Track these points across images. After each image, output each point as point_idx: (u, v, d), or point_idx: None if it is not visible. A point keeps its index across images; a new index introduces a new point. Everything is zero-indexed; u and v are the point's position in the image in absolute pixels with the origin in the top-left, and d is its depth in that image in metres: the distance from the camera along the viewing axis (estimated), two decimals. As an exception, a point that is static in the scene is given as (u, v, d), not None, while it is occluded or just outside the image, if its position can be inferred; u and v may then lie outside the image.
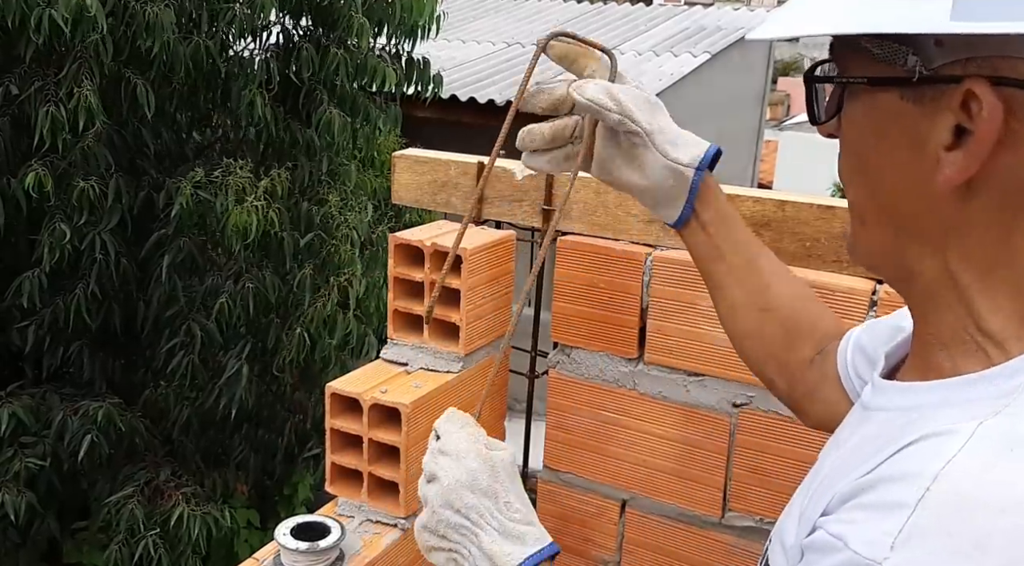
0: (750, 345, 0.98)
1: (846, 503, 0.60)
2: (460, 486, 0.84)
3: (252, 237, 3.52)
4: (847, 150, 0.67)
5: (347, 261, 3.94)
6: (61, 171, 3.53)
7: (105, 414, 3.55)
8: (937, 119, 0.58)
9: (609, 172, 0.95)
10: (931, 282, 0.64)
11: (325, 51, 3.95)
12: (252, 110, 3.78)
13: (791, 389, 0.97)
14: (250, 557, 1.31)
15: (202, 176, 3.61)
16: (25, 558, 3.90)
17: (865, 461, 0.60)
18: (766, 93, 10.40)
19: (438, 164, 1.60)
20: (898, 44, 0.58)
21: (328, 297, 3.81)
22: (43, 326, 3.74)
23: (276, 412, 4.30)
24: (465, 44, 8.38)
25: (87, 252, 3.60)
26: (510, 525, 0.84)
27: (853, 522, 0.57)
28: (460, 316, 1.41)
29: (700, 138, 0.94)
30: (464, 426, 0.90)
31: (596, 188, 1.47)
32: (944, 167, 0.58)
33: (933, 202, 0.60)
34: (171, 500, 3.59)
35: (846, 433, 0.72)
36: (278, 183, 3.70)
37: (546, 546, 0.84)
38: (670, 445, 1.45)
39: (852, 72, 0.63)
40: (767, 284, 0.95)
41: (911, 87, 0.59)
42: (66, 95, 3.37)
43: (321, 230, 4.00)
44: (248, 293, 3.70)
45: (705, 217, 0.94)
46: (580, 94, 0.88)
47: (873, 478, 0.58)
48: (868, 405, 0.70)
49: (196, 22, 3.78)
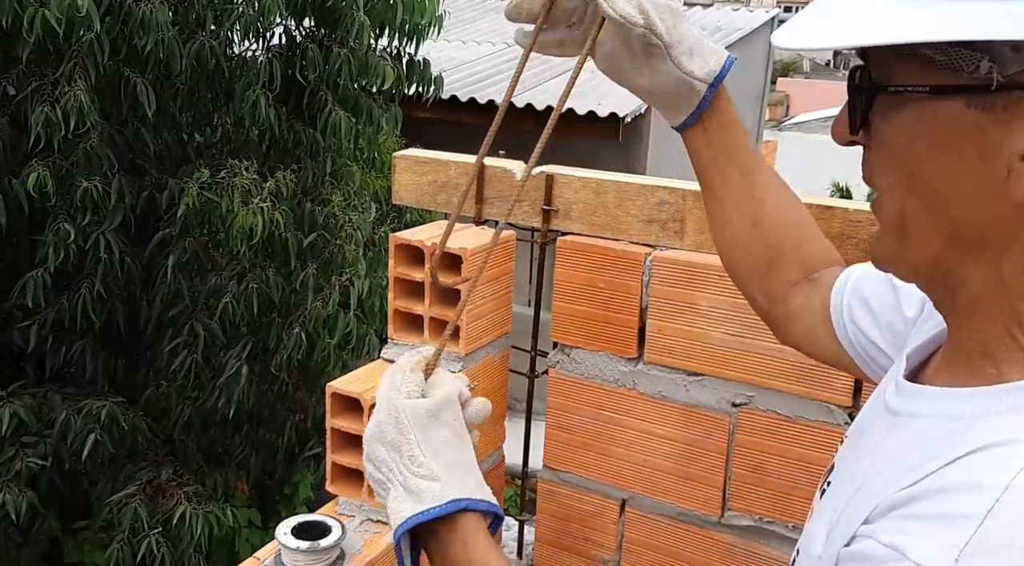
0: (738, 257, 0.98)
1: (895, 512, 0.57)
2: (372, 438, 0.82)
3: (257, 239, 3.52)
4: (890, 162, 0.63)
5: (351, 260, 3.95)
6: (64, 171, 3.53)
7: (109, 413, 3.55)
8: (1012, 127, 0.55)
9: (617, 71, 0.92)
10: (978, 290, 0.62)
11: (328, 51, 3.96)
12: (255, 111, 3.78)
13: (771, 308, 0.97)
14: (251, 556, 1.31)
15: (208, 177, 3.61)
16: (27, 557, 3.90)
17: (912, 470, 0.58)
18: (765, 93, 10.40)
19: (438, 164, 1.61)
20: (968, 50, 0.55)
21: (329, 296, 3.82)
22: (46, 326, 3.74)
23: (277, 411, 4.31)
24: (466, 45, 8.38)
25: (91, 252, 3.60)
26: (413, 480, 0.78)
27: (909, 533, 0.55)
28: (460, 316, 1.41)
29: (717, 47, 0.94)
30: (394, 373, 0.84)
31: (596, 188, 1.47)
32: (1020, 176, 0.56)
33: (1000, 211, 0.58)
34: (173, 499, 3.60)
35: (875, 438, 0.69)
36: (283, 184, 3.70)
37: (442, 505, 0.77)
38: (670, 445, 1.45)
39: (904, 80, 0.59)
40: (760, 198, 0.95)
41: (979, 95, 0.56)
42: (61, 95, 3.36)
43: (324, 230, 4.00)
44: (252, 293, 3.70)
45: (709, 124, 0.94)
46: (612, 7, 0.85)
47: (927, 488, 0.56)
48: (896, 410, 0.68)
49: (201, 21, 3.78)
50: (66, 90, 3.34)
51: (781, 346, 1.33)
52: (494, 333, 1.52)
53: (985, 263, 0.61)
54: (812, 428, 1.33)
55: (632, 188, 1.45)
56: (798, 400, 1.33)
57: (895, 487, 0.59)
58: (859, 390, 1.29)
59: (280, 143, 4.08)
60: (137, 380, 4.14)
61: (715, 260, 1.39)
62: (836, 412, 1.31)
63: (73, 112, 3.31)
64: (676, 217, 1.42)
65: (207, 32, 3.75)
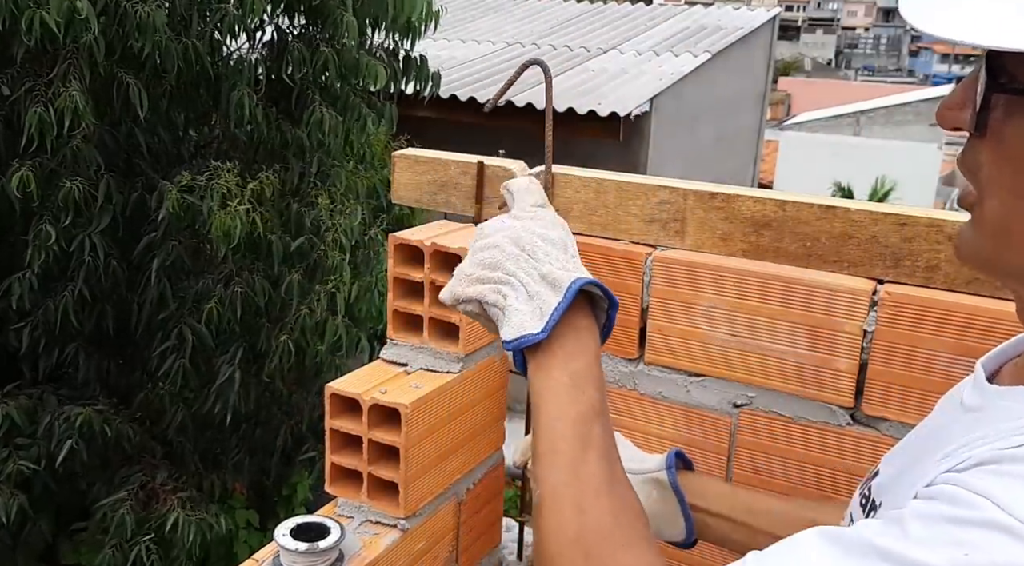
0: None
1: (985, 467, 0.58)
2: (532, 234, 0.87)
3: (236, 241, 3.50)
4: (1005, 161, 0.62)
5: (334, 267, 3.92)
6: (49, 171, 3.50)
7: (85, 419, 3.52)
8: None
9: None
10: None
11: (315, 50, 3.93)
12: (241, 110, 3.76)
13: None
14: (249, 558, 1.30)
15: (189, 179, 3.59)
16: (23, 559, 3.90)
17: (1005, 436, 0.59)
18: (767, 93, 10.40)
19: (438, 164, 1.60)
20: None
21: (316, 303, 3.80)
22: (37, 328, 3.72)
23: (272, 414, 4.29)
24: (465, 44, 8.38)
25: (76, 254, 3.57)
26: (548, 269, 0.85)
27: (1002, 485, 0.55)
28: (460, 316, 1.41)
29: None
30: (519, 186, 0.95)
31: (596, 188, 1.47)
32: None
33: None
34: (166, 505, 3.58)
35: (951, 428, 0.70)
36: (266, 185, 3.68)
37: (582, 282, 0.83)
38: (670, 445, 1.44)
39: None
40: None
41: None
42: (55, 95, 3.34)
43: (311, 234, 3.98)
44: (237, 297, 3.68)
45: None
46: None
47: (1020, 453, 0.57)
48: (973, 406, 0.69)
49: (186, 22, 3.76)
50: (61, 90, 3.32)
51: (782, 346, 1.33)
52: (494, 333, 1.51)
53: None
54: (813, 429, 1.32)
55: (633, 188, 1.44)
56: (799, 401, 1.33)
57: (986, 447, 0.59)
58: (860, 391, 1.28)
59: (267, 143, 4.05)
60: (132, 382, 4.12)
61: (716, 260, 1.39)
62: (837, 413, 1.30)
63: (68, 112, 3.29)
64: (677, 217, 1.41)
65: (193, 31, 3.73)
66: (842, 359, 1.28)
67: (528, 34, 8.70)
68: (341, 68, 3.97)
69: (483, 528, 1.60)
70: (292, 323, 3.78)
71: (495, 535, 1.67)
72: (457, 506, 1.49)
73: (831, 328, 1.28)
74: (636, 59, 7.80)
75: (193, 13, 3.75)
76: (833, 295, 1.27)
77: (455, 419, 1.43)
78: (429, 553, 1.43)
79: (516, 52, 7.97)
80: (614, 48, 8.14)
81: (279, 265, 3.85)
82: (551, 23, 9.25)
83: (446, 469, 1.43)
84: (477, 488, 1.54)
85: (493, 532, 1.65)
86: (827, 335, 1.28)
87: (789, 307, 1.31)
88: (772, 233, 1.34)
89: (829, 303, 1.27)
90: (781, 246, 1.34)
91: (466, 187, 1.58)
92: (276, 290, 3.87)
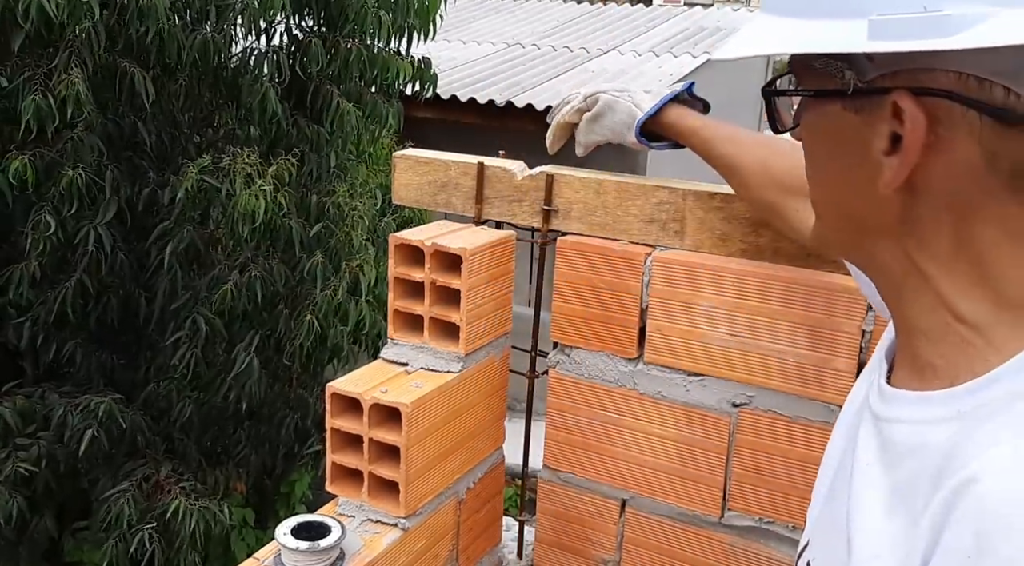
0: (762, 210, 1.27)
1: None
2: None
3: (260, 221, 3.47)
4: (806, 154, 0.73)
5: (358, 247, 3.92)
6: (49, 160, 3.45)
7: (107, 409, 3.52)
8: (876, 127, 0.63)
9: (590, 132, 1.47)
10: (897, 271, 0.68)
11: (335, 46, 3.93)
12: (264, 103, 3.74)
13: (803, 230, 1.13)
14: (249, 557, 1.31)
15: (209, 162, 3.57)
16: (26, 556, 3.89)
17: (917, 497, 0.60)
18: (766, 93, 10.38)
19: (439, 164, 1.61)
20: (836, 60, 0.64)
21: (339, 285, 3.79)
22: (37, 323, 3.68)
23: (277, 408, 4.29)
24: (465, 45, 8.38)
25: (80, 246, 3.53)
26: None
27: None
28: (460, 316, 1.41)
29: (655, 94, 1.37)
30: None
31: (596, 188, 1.47)
32: (884, 170, 0.63)
33: (880, 201, 0.65)
34: (169, 495, 3.57)
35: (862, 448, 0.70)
36: (285, 169, 3.67)
37: None
38: (670, 445, 1.45)
39: (804, 85, 0.69)
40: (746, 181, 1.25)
41: (849, 98, 0.64)
42: (55, 84, 3.29)
43: (329, 220, 3.98)
44: (255, 281, 3.65)
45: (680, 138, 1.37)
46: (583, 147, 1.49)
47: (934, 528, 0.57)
48: (880, 416, 0.69)
49: (203, 15, 3.75)
50: (63, 78, 3.27)
51: (782, 346, 1.33)
52: (494, 333, 1.52)
53: (892, 247, 0.67)
54: (813, 428, 1.33)
55: (632, 188, 1.45)
56: (798, 400, 1.33)
57: None
58: (860, 390, 1.28)
59: (283, 139, 4.06)
60: (137, 379, 4.11)
61: (715, 260, 1.39)
62: (837, 412, 1.30)
63: (70, 101, 3.24)
64: (676, 217, 1.42)
65: (210, 25, 3.72)
66: (841, 359, 1.28)
67: (528, 35, 8.69)
68: (364, 64, 3.97)
69: (483, 527, 1.60)
70: (314, 305, 3.76)
71: (495, 534, 1.67)
72: (457, 505, 1.50)
73: (831, 328, 1.28)
74: (636, 60, 7.80)
75: (211, 7, 3.74)
76: (832, 295, 1.27)
77: (455, 418, 1.43)
78: (429, 552, 1.43)
79: (516, 53, 7.97)
80: (614, 49, 8.14)
81: (299, 250, 3.83)
82: (551, 24, 9.25)
83: (446, 468, 1.43)
84: (477, 487, 1.55)
85: (493, 531, 1.66)
86: (827, 335, 1.29)
87: (789, 307, 1.31)
88: (771, 233, 1.34)
89: (828, 303, 1.28)
90: (780, 246, 1.34)
91: (466, 188, 1.58)
92: (294, 274, 3.85)
